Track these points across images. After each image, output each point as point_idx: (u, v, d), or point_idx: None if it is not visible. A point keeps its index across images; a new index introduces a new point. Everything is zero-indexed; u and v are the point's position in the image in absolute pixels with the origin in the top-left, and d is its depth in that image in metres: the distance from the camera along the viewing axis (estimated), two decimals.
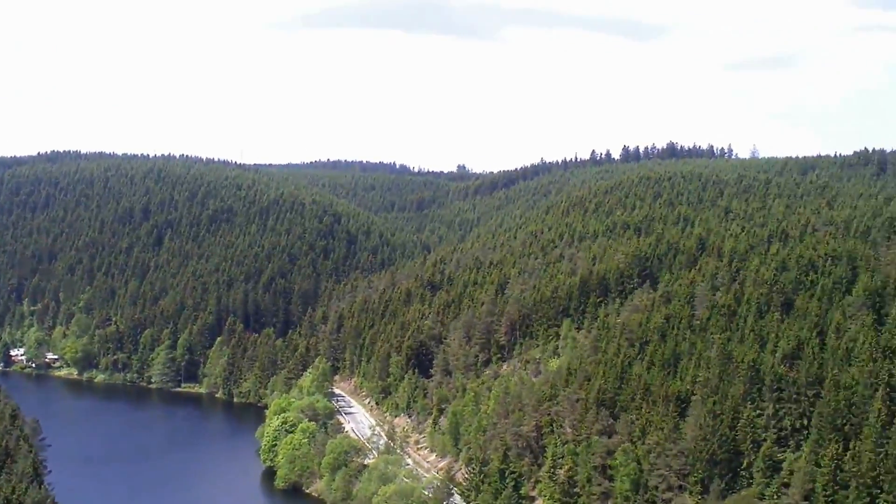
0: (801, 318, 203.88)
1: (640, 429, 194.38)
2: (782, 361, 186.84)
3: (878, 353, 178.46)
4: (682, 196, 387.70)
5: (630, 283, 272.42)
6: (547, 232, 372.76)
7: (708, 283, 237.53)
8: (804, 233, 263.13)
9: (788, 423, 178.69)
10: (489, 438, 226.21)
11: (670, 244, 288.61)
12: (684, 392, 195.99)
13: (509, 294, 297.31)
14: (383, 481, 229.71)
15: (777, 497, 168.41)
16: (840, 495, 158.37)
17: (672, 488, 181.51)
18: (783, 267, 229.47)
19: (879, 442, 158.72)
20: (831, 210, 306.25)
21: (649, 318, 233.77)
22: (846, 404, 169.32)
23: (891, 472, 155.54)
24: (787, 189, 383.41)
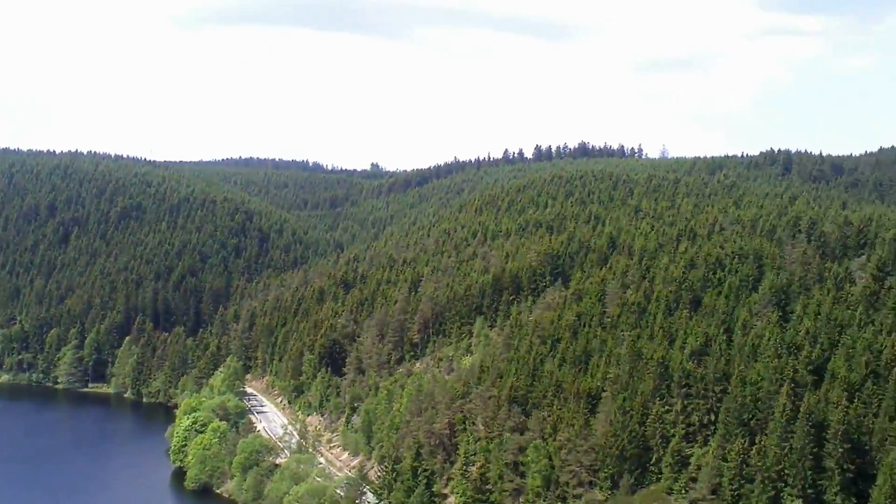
0: (709, 316, 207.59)
1: (552, 425, 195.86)
2: (690, 358, 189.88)
3: (782, 349, 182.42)
4: (594, 195, 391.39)
5: (542, 281, 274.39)
6: (460, 230, 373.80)
7: (618, 281, 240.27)
8: (712, 231, 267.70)
9: (696, 418, 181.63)
10: (402, 436, 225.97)
11: (582, 242, 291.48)
12: (595, 389, 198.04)
13: (422, 292, 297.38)
14: (295, 481, 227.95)
15: (685, 491, 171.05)
16: (746, 489, 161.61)
17: (582, 484, 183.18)
18: (691, 265, 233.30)
19: (784, 436, 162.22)
20: (738, 209, 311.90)
21: (561, 315, 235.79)
22: (752, 400, 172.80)
23: (795, 465, 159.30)
24: (695, 188, 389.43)
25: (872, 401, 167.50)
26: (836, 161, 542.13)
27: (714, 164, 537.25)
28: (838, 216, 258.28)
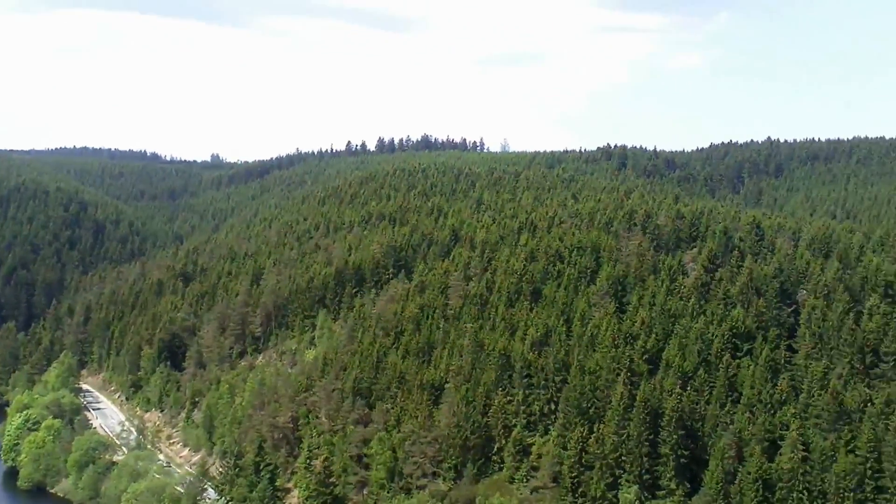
0: (549, 307, 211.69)
1: (396, 417, 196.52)
2: (531, 348, 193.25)
3: (619, 339, 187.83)
4: (436, 187, 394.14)
5: (385, 274, 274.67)
6: (303, 222, 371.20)
7: (461, 273, 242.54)
8: (551, 224, 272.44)
9: (537, 407, 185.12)
10: (244, 431, 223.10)
11: (424, 235, 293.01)
12: (438, 380, 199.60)
13: (264, 285, 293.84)
14: (133, 478, 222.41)
15: (526, 480, 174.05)
16: (585, 476, 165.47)
17: (426, 475, 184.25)
18: (532, 257, 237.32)
19: (622, 424, 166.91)
20: (577, 202, 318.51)
21: (404, 307, 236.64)
22: (591, 389, 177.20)
23: (632, 452, 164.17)
24: (535, 182, 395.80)
25: (704, 388, 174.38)
26: (669, 156, 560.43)
27: (553, 158, 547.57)
28: (671, 210, 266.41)
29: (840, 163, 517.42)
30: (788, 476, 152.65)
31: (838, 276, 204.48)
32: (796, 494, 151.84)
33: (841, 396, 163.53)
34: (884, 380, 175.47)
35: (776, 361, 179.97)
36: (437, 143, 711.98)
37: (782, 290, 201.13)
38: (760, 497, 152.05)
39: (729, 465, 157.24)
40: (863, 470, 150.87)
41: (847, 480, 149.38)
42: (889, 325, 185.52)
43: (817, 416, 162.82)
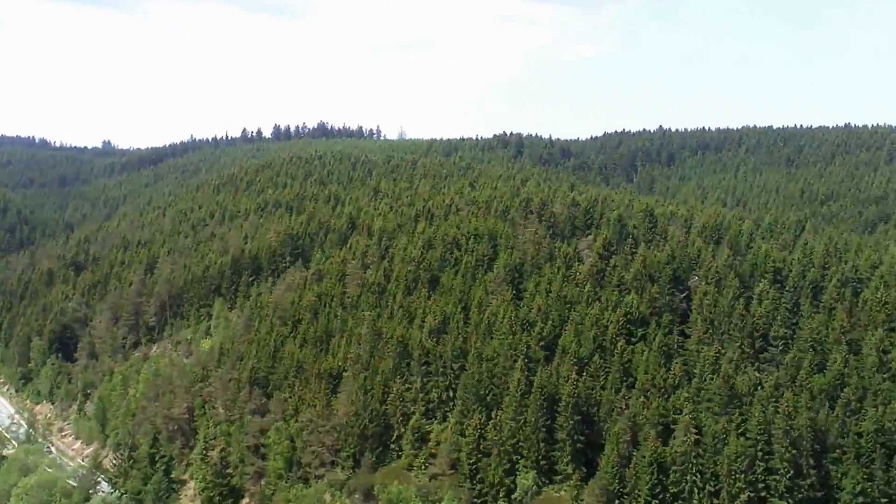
0: (447, 294, 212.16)
1: (293, 406, 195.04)
2: (429, 336, 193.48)
3: (516, 326, 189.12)
4: (333, 175, 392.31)
5: (282, 262, 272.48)
6: (198, 210, 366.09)
7: (358, 262, 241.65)
8: (449, 212, 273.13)
9: (435, 395, 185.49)
10: (138, 423, 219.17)
11: (321, 223, 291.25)
12: (336, 369, 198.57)
13: (159, 274, 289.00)
14: (24, 472, 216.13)
15: (425, 468, 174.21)
16: (483, 462, 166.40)
17: (325, 464, 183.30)
18: (429, 245, 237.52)
19: (519, 410, 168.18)
20: (473, 190, 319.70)
21: (301, 296, 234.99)
22: (488, 375, 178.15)
23: (529, 438, 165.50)
24: (432, 170, 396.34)
25: (600, 374, 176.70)
26: (564, 145, 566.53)
27: (450, 146, 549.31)
28: (567, 198, 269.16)
29: (730, 152, 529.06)
30: (682, 459, 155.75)
31: (729, 262, 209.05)
32: (689, 477, 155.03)
33: (732, 380, 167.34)
34: (773, 364, 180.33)
35: (669, 347, 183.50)
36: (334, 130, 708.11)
37: (675, 276, 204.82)
38: (655, 480, 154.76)
39: (624, 450, 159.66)
40: (753, 452, 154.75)
41: (738, 462, 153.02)
42: (777, 311, 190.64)
43: (709, 400, 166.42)
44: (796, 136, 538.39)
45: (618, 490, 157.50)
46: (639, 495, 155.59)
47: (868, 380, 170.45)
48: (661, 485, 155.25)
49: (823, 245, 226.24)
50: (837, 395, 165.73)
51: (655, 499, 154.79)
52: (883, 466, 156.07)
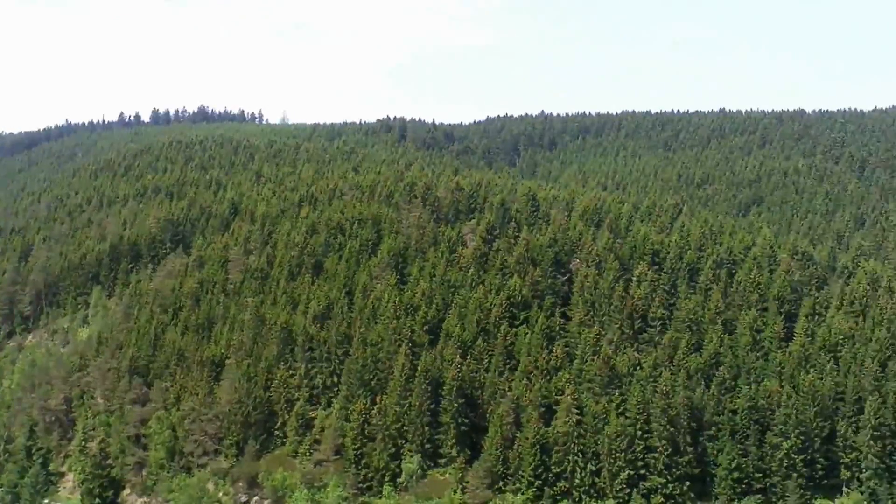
0: (331, 280, 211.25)
1: (175, 395, 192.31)
2: (313, 322, 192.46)
3: (401, 310, 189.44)
4: (215, 160, 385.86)
5: (162, 249, 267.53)
6: (74, 196, 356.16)
7: (241, 247, 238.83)
8: (332, 197, 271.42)
9: (320, 381, 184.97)
10: (13, 414, 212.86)
11: (203, 208, 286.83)
12: (219, 356, 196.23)
13: (34, 262, 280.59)
14: None
15: (310, 454, 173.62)
16: (368, 447, 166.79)
17: (207, 453, 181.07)
18: (313, 230, 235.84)
19: (403, 394, 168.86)
20: (357, 175, 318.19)
21: (182, 283, 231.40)
22: (373, 360, 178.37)
23: (413, 422, 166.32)
24: (315, 154, 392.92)
25: (483, 357, 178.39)
26: (447, 129, 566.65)
27: (333, 130, 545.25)
28: (450, 182, 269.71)
29: (610, 136, 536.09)
30: (564, 439, 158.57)
31: (609, 245, 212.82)
32: (571, 457, 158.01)
33: (612, 361, 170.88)
34: (651, 344, 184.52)
35: (551, 329, 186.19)
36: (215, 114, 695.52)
37: (556, 259, 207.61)
38: (538, 461, 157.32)
39: (507, 431, 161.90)
40: (633, 431, 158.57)
41: (618, 441, 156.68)
42: (656, 292, 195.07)
43: (590, 381, 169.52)
44: (673, 120, 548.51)
45: (501, 471, 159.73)
46: (522, 476, 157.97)
47: (742, 358, 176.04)
48: (543, 465, 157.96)
49: (699, 227, 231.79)
50: (713, 374, 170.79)
51: (538, 479, 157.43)
52: (756, 442, 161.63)
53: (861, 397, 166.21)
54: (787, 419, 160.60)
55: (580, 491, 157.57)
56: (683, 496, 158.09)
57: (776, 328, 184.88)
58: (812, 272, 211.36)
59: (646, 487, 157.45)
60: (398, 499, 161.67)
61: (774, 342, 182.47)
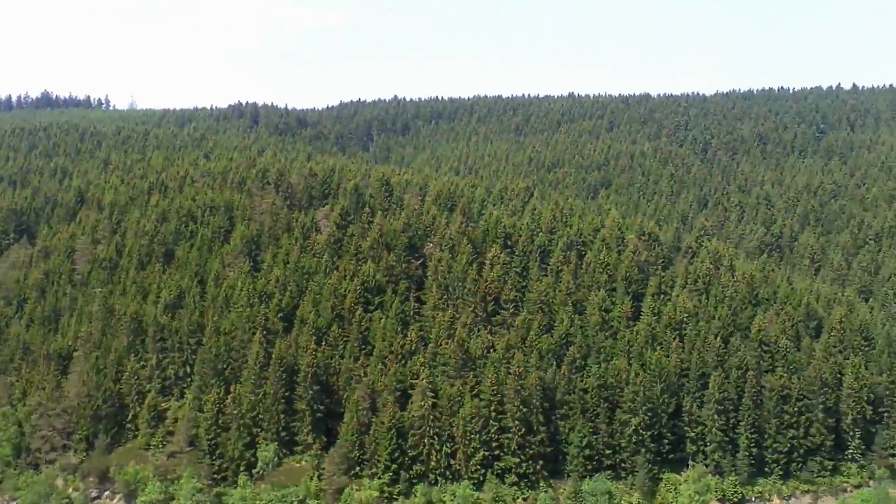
0: (182, 268, 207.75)
1: (21, 390, 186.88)
2: (164, 311, 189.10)
3: (254, 298, 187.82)
4: (59, 147, 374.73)
5: (5, 239, 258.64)
6: None
7: (88, 237, 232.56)
8: (183, 184, 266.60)
9: (172, 371, 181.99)
10: None
11: (48, 197, 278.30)
12: (66, 349, 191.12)
13: None
14: None
15: (162, 446, 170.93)
16: (223, 437, 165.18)
17: (56, 448, 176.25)
18: (164, 218, 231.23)
19: (258, 383, 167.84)
20: (209, 161, 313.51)
21: (27, 274, 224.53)
22: (226, 349, 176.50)
23: (269, 410, 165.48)
24: (165, 141, 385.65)
25: (338, 343, 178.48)
26: (300, 115, 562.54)
27: (184, 116, 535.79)
28: (304, 168, 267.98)
29: (462, 121, 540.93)
30: (419, 423, 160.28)
31: (462, 229, 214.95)
32: (427, 440, 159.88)
33: (466, 344, 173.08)
34: (504, 326, 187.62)
35: (406, 313, 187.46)
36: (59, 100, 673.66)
37: (410, 244, 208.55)
38: (394, 445, 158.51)
39: (363, 417, 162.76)
40: (487, 412, 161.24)
41: (473, 423, 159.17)
42: (508, 275, 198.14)
43: (445, 364, 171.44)
44: (524, 105, 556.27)
45: (358, 457, 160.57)
46: (378, 460, 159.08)
47: (591, 338, 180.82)
48: (399, 449, 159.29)
49: (550, 210, 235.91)
50: (564, 354, 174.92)
51: (394, 463, 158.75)
52: (606, 420, 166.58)
53: (705, 373, 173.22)
54: (636, 396, 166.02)
55: (436, 473, 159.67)
56: (537, 475, 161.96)
57: (624, 308, 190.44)
58: (658, 252, 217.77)
59: (500, 467, 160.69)
60: (254, 488, 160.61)
61: (622, 321, 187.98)
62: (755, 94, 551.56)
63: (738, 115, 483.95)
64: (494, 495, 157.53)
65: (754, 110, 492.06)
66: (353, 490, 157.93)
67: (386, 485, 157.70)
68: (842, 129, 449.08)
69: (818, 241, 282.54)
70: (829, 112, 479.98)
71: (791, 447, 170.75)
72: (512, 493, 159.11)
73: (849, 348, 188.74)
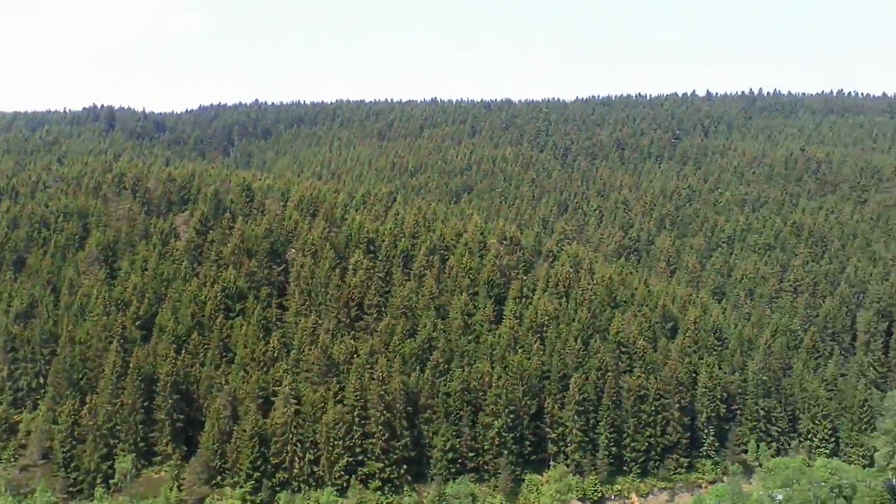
0: (35, 276, 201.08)
1: None
2: (16, 321, 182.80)
3: (111, 306, 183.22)
4: None
5: None
6: None
7: None
8: (35, 190, 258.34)
9: (24, 382, 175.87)
10: None
11: None
12: None
13: None
14: None
15: (14, 459, 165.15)
16: (79, 449, 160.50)
17: None
18: (14, 224, 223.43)
19: (115, 393, 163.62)
20: (62, 166, 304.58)
21: None
22: (82, 359, 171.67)
23: (126, 421, 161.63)
24: (15, 145, 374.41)
25: (199, 351, 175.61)
26: (158, 118, 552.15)
27: (35, 119, 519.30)
28: (162, 172, 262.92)
29: (324, 126, 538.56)
30: (282, 430, 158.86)
31: (325, 234, 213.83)
32: (290, 447, 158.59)
33: (329, 350, 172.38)
34: (367, 331, 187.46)
35: (268, 319, 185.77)
36: None
37: (272, 249, 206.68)
38: (256, 453, 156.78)
39: (224, 425, 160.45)
40: (351, 418, 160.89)
41: (336, 429, 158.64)
42: (371, 280, 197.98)
43: (308, 371, 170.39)
44: (387, 110, 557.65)
45: (219, 466, 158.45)
46: (240, 469, 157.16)
47: (455, 342, 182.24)
48: (262, 457, 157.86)
49: (413, 215, 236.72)
50: (427, 358, 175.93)
51: (257, 471, 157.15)
52: (470, 423, 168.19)
53: (566, 374, 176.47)
54: (498, 399, 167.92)
55: (299, 481, 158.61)
56: (400, 479, 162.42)
57: (486, 311, 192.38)
58: (519, 256, 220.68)
59: (364, 473, 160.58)
60: (111, 500, 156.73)
61: (485, 325, 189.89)
62: (613, 101, 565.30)
63: (597, 120, 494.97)
64: (358, 501, 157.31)
65: (612, 116, 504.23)
66: (214, 500, 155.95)
67: (248, 493, 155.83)
68: (696, 135, 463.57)
69: (674, 244, 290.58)
70: (685, 118, 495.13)
71: (649, 445, 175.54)
72: (376, 499, 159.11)
73: (703, 348, 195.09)
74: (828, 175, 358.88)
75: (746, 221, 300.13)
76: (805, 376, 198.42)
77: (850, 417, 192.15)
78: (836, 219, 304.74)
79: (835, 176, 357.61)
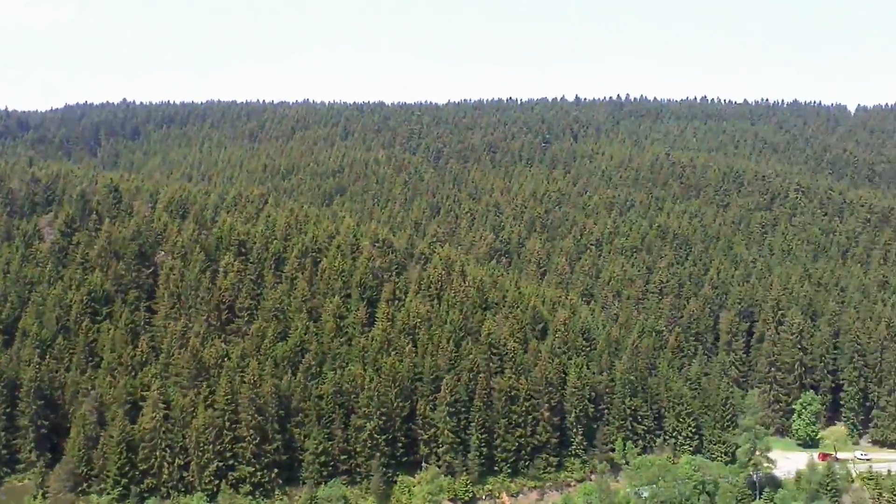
0: None
1: None
2: None
3: None
4: None
5: None
6: None
7: None
8: None
9: None
10: None
11: None
12: None
13: None
14: None
15: None
16: None
17: None
18: None
19: None
20: None
21: None
22: None
23: None
24: None
25: (64, 356, 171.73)
26: (22, 117, 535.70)
27: None
28: (26, 173, 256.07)
29: (195, 126, 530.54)
30: (150, 435, 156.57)
31: (195, 236, 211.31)
32: (159, 452, 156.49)
33: (199, 353, 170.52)
34: (239, 334, 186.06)
35: (136, 323, 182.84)
36: None
37: (141, 252, 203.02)
38: (124, 459, 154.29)
39: (91, 431, 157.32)
40: (221, 422, 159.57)
41: (206, 434, 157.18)
42: (243, 282, 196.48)
43: (177, 375, 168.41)
44: (258, 111, 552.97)
45: (85, 472, 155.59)
46: (107, 476, 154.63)
47: (327, 345, 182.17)
48: (130, 463, 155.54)
49: (285, 217, 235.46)
50: (299, 361, 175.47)
51: (125, 477, 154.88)
52: (342, 425, 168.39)
53: (438, 376, 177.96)
54: (370, 401, 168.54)
55: (168, 486, 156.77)
56: (272, 483, 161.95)
57: (359, 314, 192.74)
58: (392, 259, 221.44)
59: (235, 477, 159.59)
60: None
61: (357, 327, 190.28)
62: (485, 105, 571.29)
63: (469, 124, 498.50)
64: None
65: (484, 120, 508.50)
66: None
67: (115, 500, 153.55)
68: (566, 139, 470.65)
69: (544, 247, 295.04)
70: (554, 123, 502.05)
71: (519, 445, 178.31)
72: (247, 503, 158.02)
73: (572, 349, 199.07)
74: (692, 179, 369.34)
75: (614, 224, 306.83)
76: (670, 376, 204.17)
77: (712, 415, 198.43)
78: (700, 222, 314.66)
79: (698, 180, 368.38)
